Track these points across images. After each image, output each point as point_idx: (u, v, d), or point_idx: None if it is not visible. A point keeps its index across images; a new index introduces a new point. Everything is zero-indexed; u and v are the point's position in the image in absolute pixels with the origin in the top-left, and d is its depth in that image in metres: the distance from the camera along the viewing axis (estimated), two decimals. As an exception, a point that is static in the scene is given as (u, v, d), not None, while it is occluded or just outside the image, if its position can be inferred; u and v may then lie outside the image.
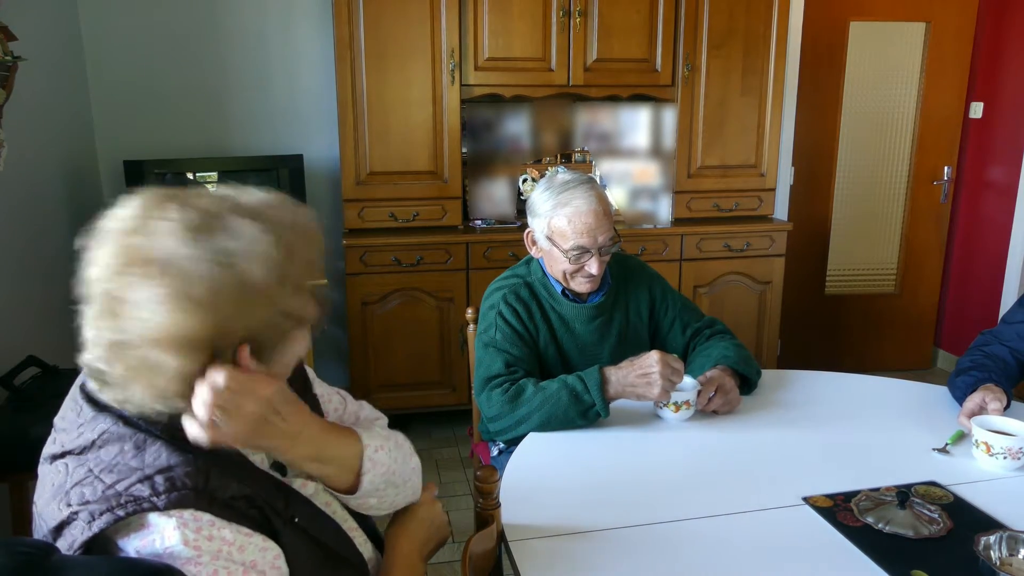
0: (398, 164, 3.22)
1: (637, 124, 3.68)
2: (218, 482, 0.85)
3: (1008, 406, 1.61)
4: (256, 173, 3.11)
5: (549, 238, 1.75)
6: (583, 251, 1.71)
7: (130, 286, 0.82)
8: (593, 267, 1.72)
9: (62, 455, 0.87)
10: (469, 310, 2.01)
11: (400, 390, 3.28)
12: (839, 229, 4.07)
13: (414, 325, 3.26)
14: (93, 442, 0.86)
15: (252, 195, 0.88)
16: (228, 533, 0.83)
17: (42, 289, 2.67)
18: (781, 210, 3.90)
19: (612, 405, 1.62)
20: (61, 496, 0.84)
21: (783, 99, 3.53)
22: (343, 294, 3.26)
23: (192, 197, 0.85)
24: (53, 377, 2.22)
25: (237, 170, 3.10)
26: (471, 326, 2.01)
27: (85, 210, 3.17)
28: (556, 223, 1.73)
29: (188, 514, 0.81)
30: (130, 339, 0.82)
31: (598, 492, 1.36)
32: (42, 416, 1.98)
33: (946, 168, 4.01)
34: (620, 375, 1.59)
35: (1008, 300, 3.80)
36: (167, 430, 0.85)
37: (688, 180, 3.52)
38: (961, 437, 1.55)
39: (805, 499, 1.32)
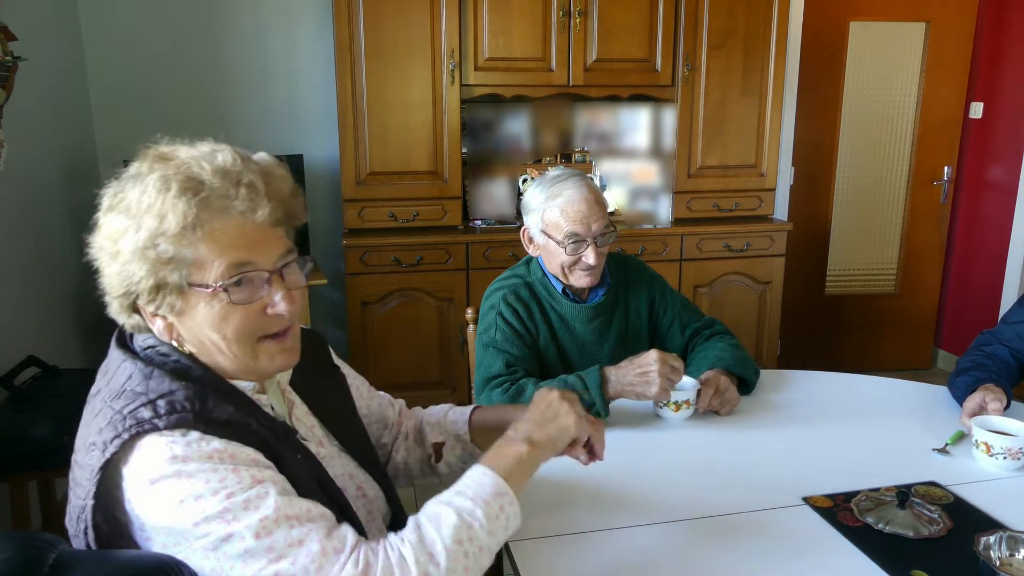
0: (398, 164, 3.22)
1: (637, 124, 3.68)
2: (215, 406, 0.91)
3: (1008, 406, 1.61)
4: (256, 173, 3.10)
5: (544, 232, 1.76)
6: (579, 240, 1.71)
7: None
8: (590, 257, 1.72)
9: (94, 394, 0.97)
10: (469, 310, 2.01)
11: (400, 390, 3.21)
12: (839, 229, 4.07)
13: (414, 325, 3.26)
14: (112, 374, 0.95)
15: (203, 147, 0.97)
16: (218, 443, 0.88)
17: (42, 289, 2.67)
18: (781, 210, 3.90)
19: (612, 405, 1.62)
20: (86, 429, 0.93)
21: (783, 99, 3.53)
22: (343, 294, 3.26)
23: (187, 149, 0.98)
24: (53, 377, 2.22)
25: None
26: (471, 326, 2.01)
27: (85, 210, 3.17)
28: (549, 215, 1.74)
29: (180, 432, 0.87)
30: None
31: (598, 492, 1.36)
32: (42, 416, 2.00)
33: (946, 168, 4.01)
34: (619, 374, 1.59)
35: (1008, 300, 3.80)
36: (172, 367, 0.94)
37: (688, 180, 3.52)
38: (961, 437, 1.55)
39: (805, 499, 1.32)
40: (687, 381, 1.68)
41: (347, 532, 0.91)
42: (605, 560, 1.15)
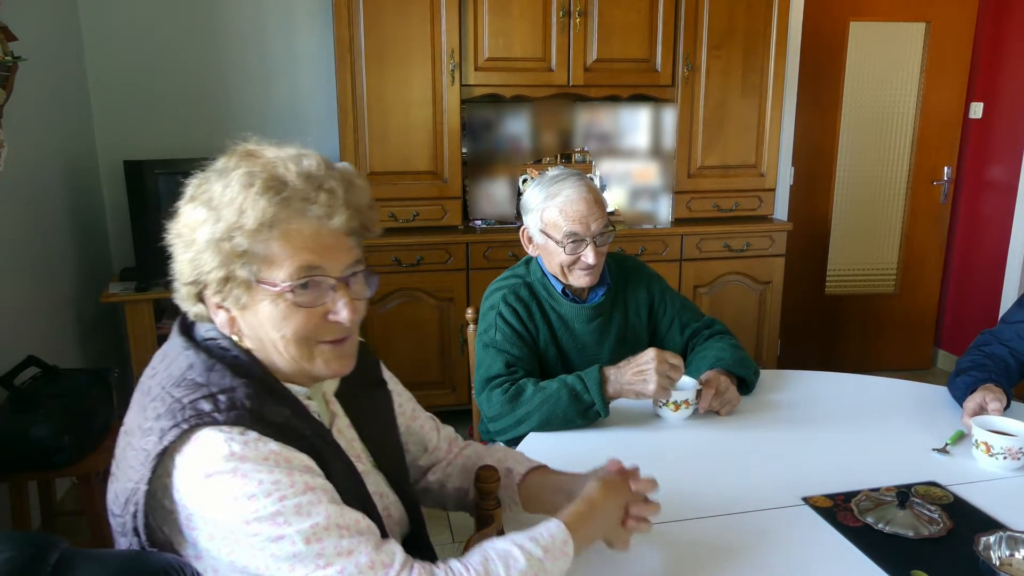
0: (398, 164, 3.22)
1: (637, 124, 3.68)
2: (272, 408, 0.93)
3: (1008, 406, 1.61)
4: (256, 173, 3.10)
5: (543, 231, 1.76)
6: (578, 240, 1.72)
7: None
8: (590, 257, 1.72)
9: (151, 377, 0.97)
10: (469, 310, 2.01)
11: (400, 390, 3.27)
12: (839, 229, 4.07)
13: (414, 325, 3.26)
14: (172, 360, 0.96)
15: (291, 150, 0.99)
16: (274, 445, 0.89)
17: (42, 289, 2.67)
18: (781, 210, 3.90)
19: (612, 405, 1.62)
20: (141, 412, 0.93)
21: (783, 99, 3.53)
22: (343, 294, 3.25)
23: (276, 150, 1.00)
24: (53, 377, 2.22)
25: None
26: (471, 326, 2.01)
27: (85, 210, 3.18)
28: (548, 215, 1.74)
29: (238, 430, 0.88)
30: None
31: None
32: (42, 416, 2.00)
33: (946, 168, 4.01)
34: (618, 374, 1.60)
35: (1008, 300, 3.80)
36: (232, 362, 0.95)
37: (688, 180, 3.52)
38: (961, 437, 1.55)
39: (805, 499, 1.32)
40: (687, 381, 1.68)
41: (396, 548, 0.92)
42: (604, 560, 1.15)
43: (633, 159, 3.71)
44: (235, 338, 0.98)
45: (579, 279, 1.77)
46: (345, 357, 1.01)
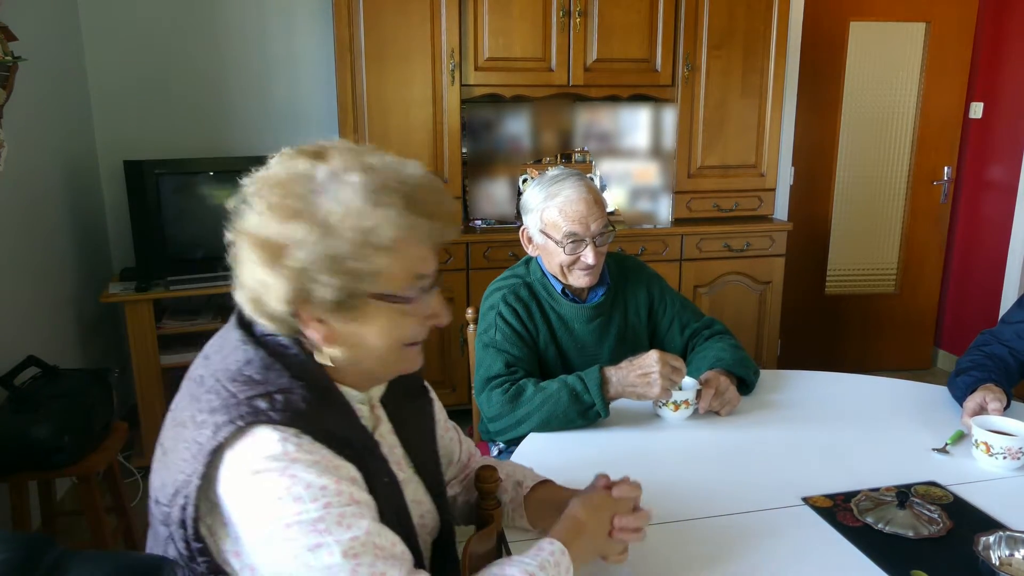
0: (398, 164, 3.22)
1: (637, 124, 3.68)
2: (327, 413, 0.92)
3: (1008, 406, 1.61)
4: (256, 173, 3.10)
5: (543, 231, 1.76)
6: (577, 240, 1.72)
7: (260, 190, 0.93)
8: (589, 257, 1.72)
9: (203, 366, 0.96)
10: (469, 310, 2.01)
11: (400, 390, 3.27)
12: (839, 229, 4.07)
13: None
14: (229, 353, 0.94)
15: (393, 159, 0.98)
16: (326, 452, 0.88)
17: (42, 289, 2.67)
18: (781, 210, 3.90)
19: (612, 405, 1.62)
20: (193, 402, 0.92)
21: (783, 99, 3.53)
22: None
23: (351, 146, 0.97)
24: (53, 377, 2.22)
25: (237, 170, 3.07)
26: (471, 326, 2.01)
27: (85, 210, 3.18)
28: (548, 215, 1.74)
29: (293, 431, 0.87)
30: (237, 231, 0.93)
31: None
32: (42, 416, 2.00)
33: (946, 168, 4.01)
34: (620, 375, 1.60)
35: (1008, 300, 3.80)
36: (292, 362, 0.93)
37: (688, 180, 3.52)
38: (961, 437, 1.55)
39: (805, 499, 1.32)
40: (687, 381, 1.68)
41: None
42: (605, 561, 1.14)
43: (633, 159, 3.71)
44: (325, 349, 0.95)
45: (579, 279, 1.77)
46: (420, 354, 1.03)
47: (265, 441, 0.86)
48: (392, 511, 0.97)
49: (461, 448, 1.31)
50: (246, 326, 0.97)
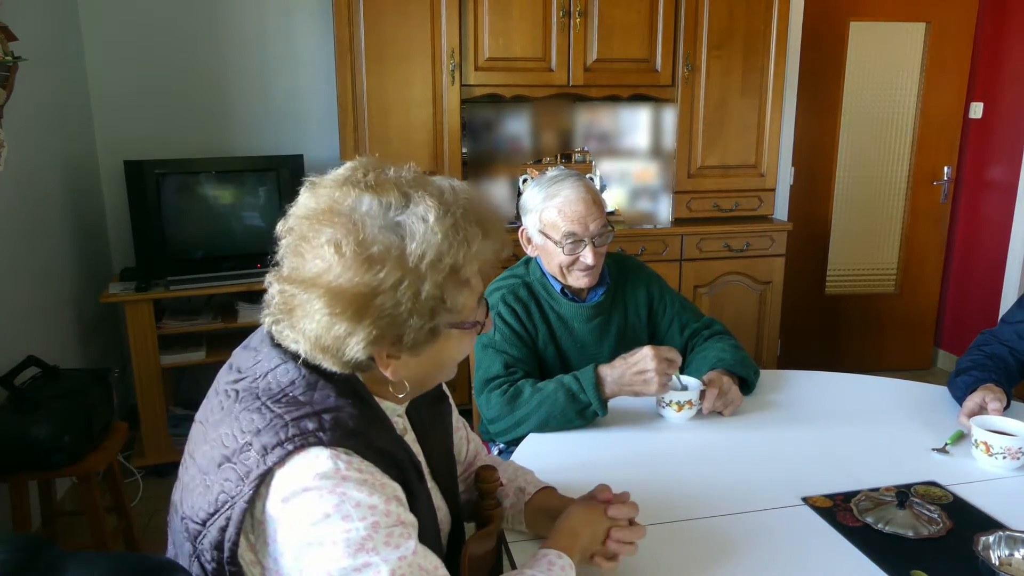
0: (398, 164, 3.22)
1: (637, 124, 3.68)
2: (375, 431, 0.91)
3: (1008, 406, 1.61)
4: (256, 173, 3.10)
5: (542, 232, 1.76)
6: (576, 240, 1.72)
7: (314, 229, 0.88)
8: (588, 257, 1.72)
9: (236, 380, 0.93)
10: (469, 310, 2.01)
11: (400, 390, 3.27)
12: (839, 229, 4.07)
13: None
14: (268, 371, 0.91)
15: (448, 181, 0.95)
16: (375, 470, 0.87)
17: (42, 289, 2.67)
18: (781, 210, 3.90)
19: (614, 405, 1.62)
20: (232, 421, 0.88)
21: (783, 99, 3.53)
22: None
23: (396, 169, 0.95)
24: (53, 377, 2.22)
25: (237, 170, 3.09)
26: (471, 326, 2.01)
27: (85, 210, 3.18)
28: (547, 216, 1.74)
29: (343, 450, 0.85)
30: (293, 274, 0.89)
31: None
32: (42, 416, 2.00)
33: (946, 168, 4.01)
34: (616, 374, 1.59)
35: (1008, 300, 3.79)
36: (336, 380, 0.91)
37: (688, 180, 3.52)
38: (961, 437, 1.55)
39: (805, 499, 1.32)
40: (690, 381, 1.68)
41: None
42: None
43: (633, 159, 3.71)
44: (393, 379, 0.94)
45: (578, 280, 1.77)
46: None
47: (316, 460, 0.84)
48: (429, 529, 0.98)
49: (468, 447, 1.31)
50: (278, 344, 0.94)
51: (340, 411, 0.88)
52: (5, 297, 2.38)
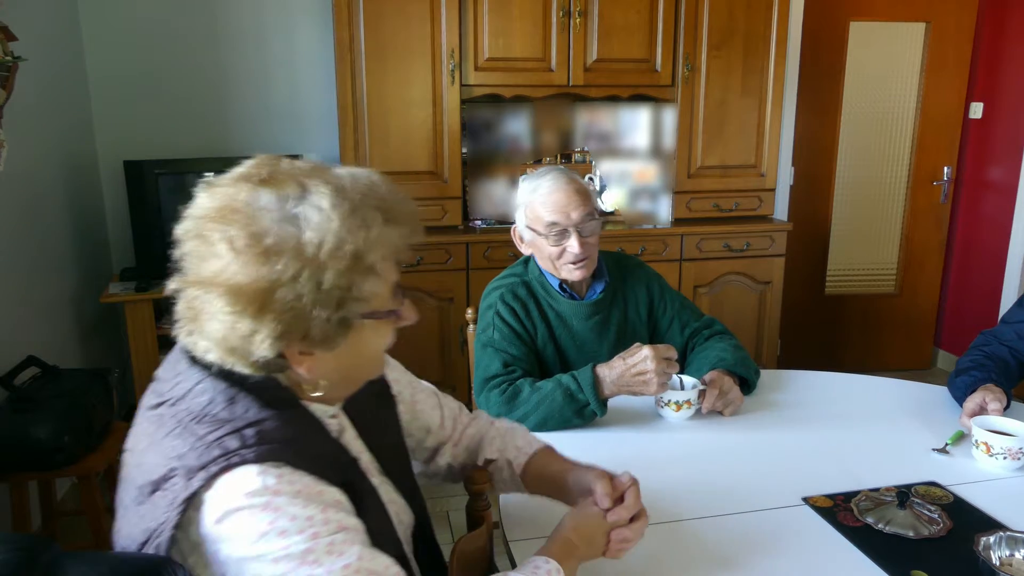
0: (398, 164, 3.22)
1: (637, 124, 3.68)
2: (305, 438, 0.89)
3: (1008, 406, 1.61)
4: (256, 173, 3.10)
5: (529, 227, 1.78)
6: (560, 230, 1.72)
7: (210, 228, 0.85)
8: (574, 247, 1.72)
9: (158, 405, 0.90)
10: (469, 310, 2.01)
11: (400, 390, 3.27)
12: (839, 229, 4.07)
13: (414, 325, 3.24)
14: (187, 392, 0.89)
15: (347, 170, 0.92)
16: (309, 480, 0.85)
17: (42, 289, 2.67)
18: (781, 210, 3.90)
19: (613, 404, 1.62)
20: (156, 448, 0.86)
21: (783, 99, 3.53)
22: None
23: (291, 162, 0.91)
24: (53, 377, 2.22)
25: (237, 170, 3.09)
26: (471, 326, 2.01)
27: (85, 210, 3.18)
28: (531, 210, 1.77)
29: (271, 464, 0.83)
30: (192, 276, 0.87)
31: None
32: (42, 416, 2.00)
33: (946, 168, 4.01)
34: (614, 375, 1.59)
35: (1008, 300, 3.79)
36: (256, 388, 0.88)
37: (688, 180, 3.52)
38: (961, 437, 1.55)
39: (805, 499, 1.32)
40: (690, 381, 1.68)
41: None
42: (605, 560, 1.14)
43: (633, 159, 3.71)
44: (309, 378, 0.91)
45: (570, 272, 1.77)
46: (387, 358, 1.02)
47: (244, 478, 0.82)
48: (382, 530, 0.96)
49: (442, 414, 1.26)
50: (194, 358, 0.91)
51: (263, 423, 0.85)
52: (5, 297, 2.38)
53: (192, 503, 0.83)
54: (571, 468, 1.18)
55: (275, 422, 0.86)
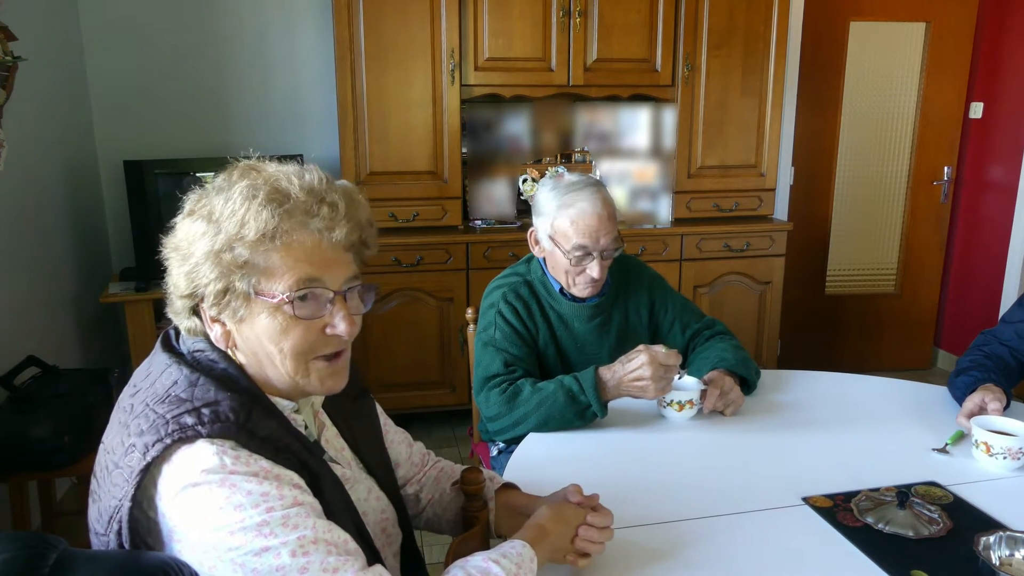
0: (398, 164, 3.22)
1: (637, 124, 3.68)
2: (259, 421, 0.92)
3: (1008, 406, 1.61)
4: (256, 173, 3.10)
5: (551, 238, 1.75)
6: (584, 253, 1.71)
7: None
8: (594, 270, 1.72)
9: (132, 395, 0.96)
10: (469, 310, 2.01)
11: (400, 390, 3.28)
12: (839, 229, 4.07)
13: (414, 325, 3.26)
14: (156, 378, 0.95)
15: (286, 166, 1.01)
16: (264, 462, 0.89)
17: (42, 289, 2.67)
18: (781, 210, 3.90)
19: (614, 404, 1.62)
20: (123, 429, 0.91)
21: (783, 99, 3.53)
22: (343, 294, 3.25)
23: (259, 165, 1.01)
24: (53, 377, 2.22)
25: (237, 170, 3.09)
26: (471, 326, 2.01)
27: (85, 210, 3.18)
28: (559, 223, 1.73)
29: (229, 444, 0.88)
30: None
31: (597, 492, 1.35)
32: (42, 416, 2.00)
33: (946, 168, 4.01)
34: (615, 378, 1.59)
35: (1008, 300, 3.80)
36: (220, 375, 0.95)
37: (688, 180, 3.52)
38: (961, 437, 1.55)
39: (805, 499, 1.32)
40: (691, 381, 1.68)
41: (382, 571, 0.92)
42: (606, 560, 1.15)
43: (633, 159, 3.71)
44: (229, 352, 0.98)
45: (581, 290, 1.77)
46: (338, 374, 1.01)
47: (201, 455, 0.86)
48: (343, 511, 0.98)
49: (411, 450, 1.32)
50: (171, 348, 0.99)
51: (219, 404, 0.90)
52: (5, 297, 2.38)
53: (149, 476, 0.87)
54: (539, 499, 1.21)
55: (232, 403, 0.90)
